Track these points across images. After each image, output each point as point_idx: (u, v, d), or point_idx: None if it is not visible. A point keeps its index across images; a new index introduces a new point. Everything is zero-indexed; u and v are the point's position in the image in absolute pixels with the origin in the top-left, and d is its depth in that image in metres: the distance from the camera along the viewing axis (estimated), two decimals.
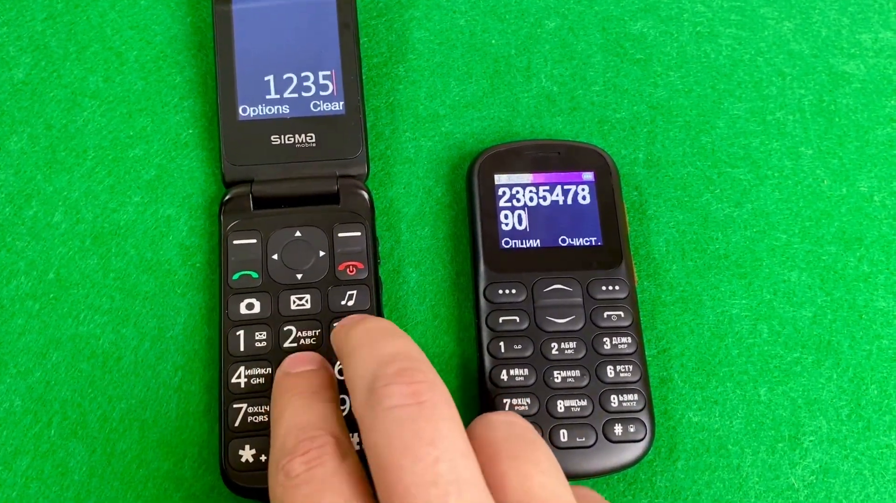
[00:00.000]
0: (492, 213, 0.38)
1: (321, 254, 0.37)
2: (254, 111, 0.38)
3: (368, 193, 0.38)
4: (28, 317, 0.37)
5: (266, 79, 0.39)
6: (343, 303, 0.36)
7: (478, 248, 0.38)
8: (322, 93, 0.39)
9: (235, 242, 0.37)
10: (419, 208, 0.40)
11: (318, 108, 0.39)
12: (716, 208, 0.41)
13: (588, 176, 0.39)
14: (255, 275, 0.36)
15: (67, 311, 0.38)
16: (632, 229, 0.40)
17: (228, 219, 0.37)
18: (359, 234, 0.37)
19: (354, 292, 0.36)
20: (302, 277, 0.36)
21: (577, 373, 0.36)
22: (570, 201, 0.39)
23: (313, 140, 0.38)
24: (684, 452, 0.37)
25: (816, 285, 0.40)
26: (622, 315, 0.37)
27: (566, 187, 0.39)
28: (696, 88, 0.43)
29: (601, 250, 0.38)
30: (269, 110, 0.39)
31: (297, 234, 0.37)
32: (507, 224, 0.38)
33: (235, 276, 0.36)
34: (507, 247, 0.38)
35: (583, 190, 0.39)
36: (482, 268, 0.37)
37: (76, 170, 0.40)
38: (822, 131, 0.43)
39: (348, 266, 0.37)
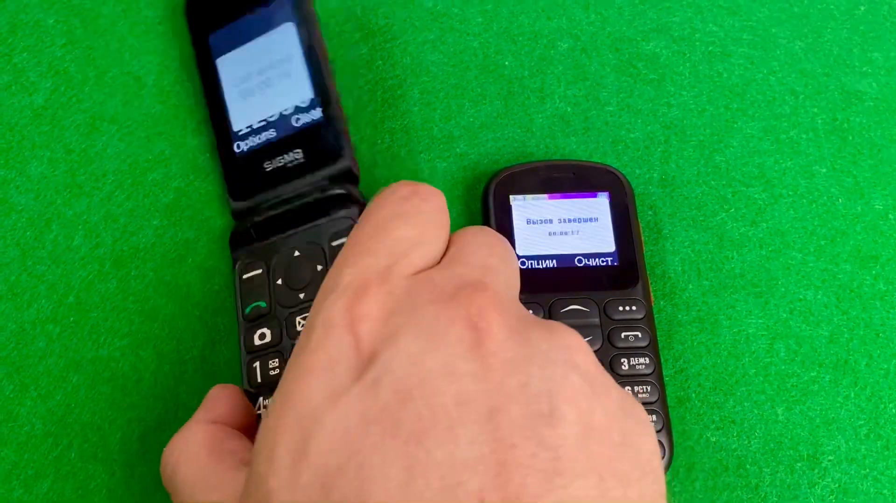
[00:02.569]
0: (507, 233, 0.39)
1: (319, 268, 0.36)
2: (246, 144, 0.39)
3: (359, 193, 0.37)
4: (48, 341, 0.38)
5: (251, 109, 0.39)
6: None
7: None
8: (300, 105, 0.38)
9: (245, 276, 0.37)
10: None
11: (300, 122, 0.38)
12: (731, 227, 0.41)
13: (603, 196, 0.40)
14: (263, 304, 0.36)
15: (87, 335, 0.38)
16: (647, 249, 0.40)
17: (237, 254, 0.38)
18: None
19: None
20: (304, 296, 0.36)
21: None
22: (585, 221, 0.39)
23: (301, 156, 0.38)
24: (702, 472, 0.37)
25: (833, 304, 0.40)
26: (639, 335, 0.37)
27: (581, 207, 0.39)
28: (709, 108, 0.43)
29: (617, 270, 0.38)
30: (259, 138, 0.39)
31: (296, 253, 0.36)
32: (522, 245, 0.39)
33: (248, 310, 0.36)
34: (524, 267, 0.38)
35: (598, 210, 0.39)
36: None
37: (95, 194, 0.40)
38: (835, 150, 0.43)
39: None
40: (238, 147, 0.39)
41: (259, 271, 0.37)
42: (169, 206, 0.40)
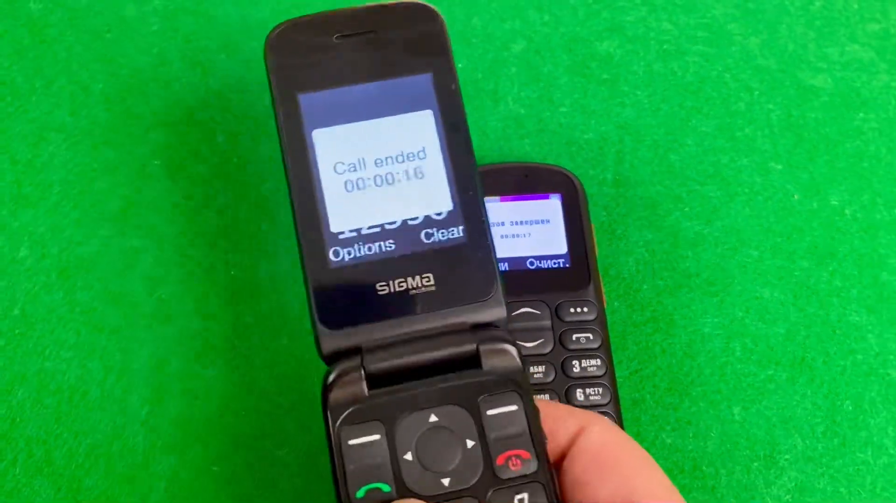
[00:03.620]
0: None
1: (469, 444, 0.27)
2: (349, 253, 0.28)
3: (514, 345, 0.28)
4: None
5: (359, 208, 0.29)
6: None
7: None
8: (434, 216, 0.29)
9: (352, 443, 0.27)
10: None
11: (433, 238, 0.29)
12: (686, 226, 0.41)
13: (555, 197, 0.39)
14: (385, 487, 0.26)
15: (33, 347, 0.37)
16: (601, 250, 0.40)
17: (338, 410, 0.27)
18: (515, 407, 0.27)
19: (525, 496, 0.26)
20: (450, 483, 0.26)
21: (546, 397, 0.35)
22: (537, 223, 0.39)
23: (431, 282, 0.28)
24: None
25: (789, 301, 0.40)
26: (591, 337, 0.36)
27: (533, 209, 0.39)
28: (663, 107, 0.43)
29: (569, 272, 0.38)
30: (369, 249, 0.29)
31: (433, 418, 0.27)
32: None
33: (360, 494, 0.26)
34: None
35: (550, 212, 0.39)
36: None
37: (42, 204, 0.40)
38: (791, 146, 0.42)
39: (510, 457, 0.27)
40: (336, 255, 0.28)
41: (375, 437, 0.27)
42: (116, 215, 0.40)
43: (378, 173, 0.29)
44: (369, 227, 0.29)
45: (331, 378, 0.27)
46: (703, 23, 0.45)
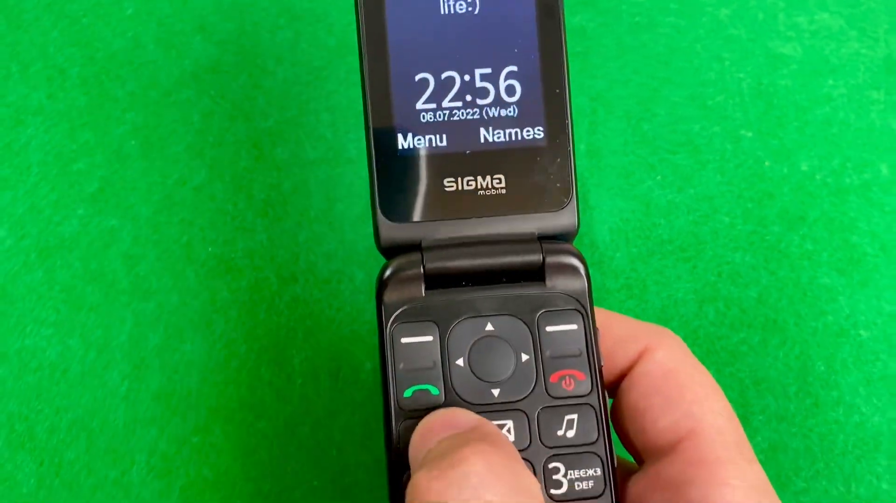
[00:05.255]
0: None
1: (524, 358, 0.26)
2: (419, 142, 0.27)
3: (583, 262, 0.27)
4: None
5: (430, 94, 0.27)
6: (560, 432, 0.26)
7: None
8: (512, 113, 0.27)
9: (404, 341, 0.26)
10: (363, 208, 0.41)
11: (511, 137, 0.27)
12: (658, 195, 0.41)
13: None
14: (434, 390, 0.26)
15: (13, 326, 0.38)
16: None
17: (393, 307, 0.26)
18: (575, 327, 0.27)
19: (575, 416, 0.26)
20: (500, 394, 0.26)
21: None
22: None
23: (502, 184, 0.27)
24: None
25: (761, 265, 0.40)
26: None
27: None
28: (634, 78, 0.43)
29: None
30: (441, 140, 0.27)
31: (489, 327, 0.26)
32: None
33: (408, 393, 0.26)
34: None
35: None
36: None
37: (20, 186, 0.40)
38: (761, 113, 0.43)
39: (564, 377, 0.26)
40: (405, 140, 0.27)
41: (429, 338, 0.26)
42: (94, 195, 0.40)
43: (456, 63, 0.27)
44: (443, 118, 0.27)
45: (388, 273, 0.26)
46: None
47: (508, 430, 0.26)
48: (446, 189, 0.27)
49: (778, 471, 0.36)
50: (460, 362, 0.26)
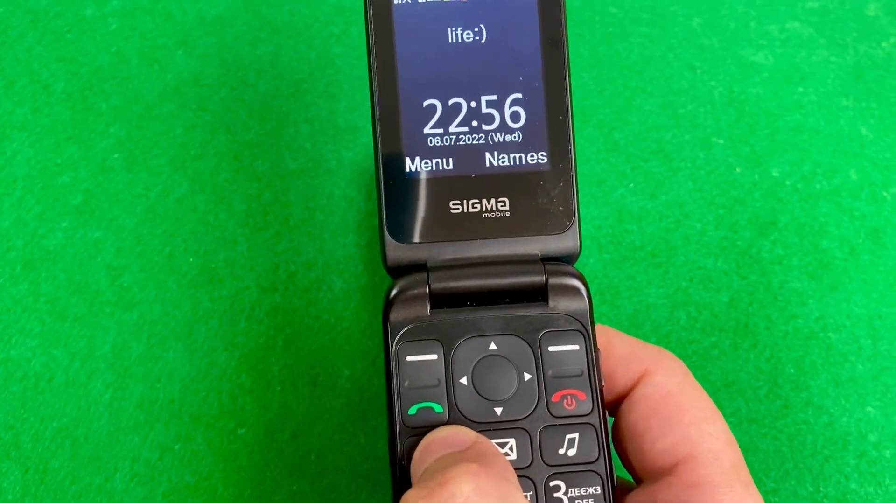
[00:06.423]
0: None
1: (526, 377, 0.27)
2: (426, 165, 0.28)
3: (584, 284, 0.28)
4: None
5: (437, 119, 0.28)
6: (562, 450, 0.26)
7: None
8: (517, 139, 0.28)
9: (410, 359, 0.27)
10: (342, 217, 0.41)
11: (515, 161, 0.28)
12: (630, 201, 0.42)
13: None
14: (438, 408, 0.26)
15: None
16: None
17: (399, 326, 0.27)
18: (576, 347, 0.27)
19: (576, 435, 0.26)
20: (502, 412, 0.26)
21: None
22: None
23: (506, 207, 0.28)
24: None
25: (732, 270, 0.41)
26: None
27: None
28: (608, 87, 0.44)
29: None
30: (447, 163, 0.28)
31: (492, 346, 0.27)
32: None
33: (412, 411, 0.26)
34: None
35: None
36: None
37: (6, 199, 0.41)
38: (732, 121, 0.44)
39: (565, 396, 0.27)
40: (412, 163, 0.28)
41: (433, 356, 0.27)
42: (78, 208, 0.41)
43: (462, 89, 0.28)
44: (450, 142, 0.28)
45: (394, 292, 0.27)
46: (647, 5, 0.46)
47: (511, 448, 0.26)
48: (452, 211, 0.28)
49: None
50: (464, 381, 0.27)
